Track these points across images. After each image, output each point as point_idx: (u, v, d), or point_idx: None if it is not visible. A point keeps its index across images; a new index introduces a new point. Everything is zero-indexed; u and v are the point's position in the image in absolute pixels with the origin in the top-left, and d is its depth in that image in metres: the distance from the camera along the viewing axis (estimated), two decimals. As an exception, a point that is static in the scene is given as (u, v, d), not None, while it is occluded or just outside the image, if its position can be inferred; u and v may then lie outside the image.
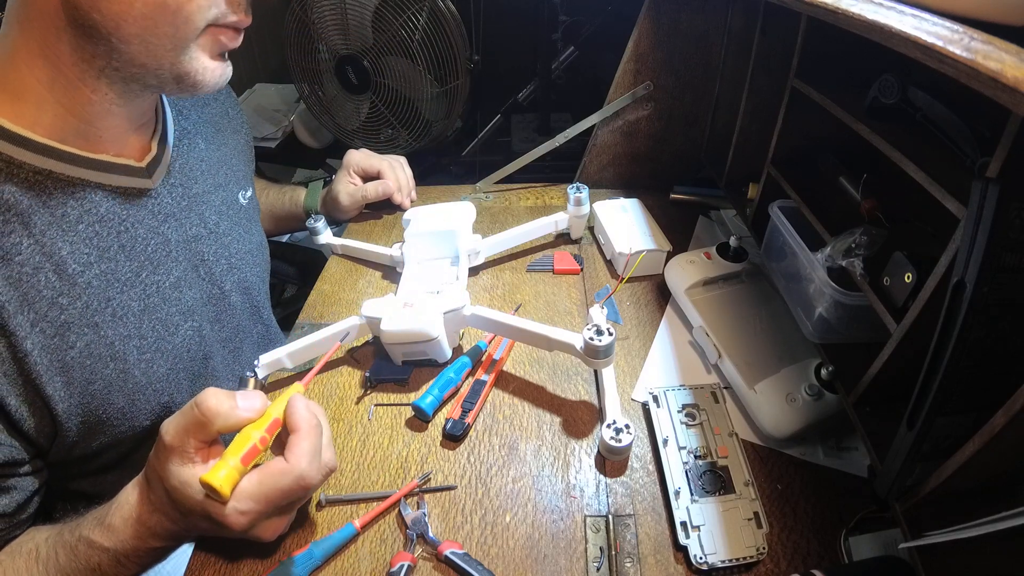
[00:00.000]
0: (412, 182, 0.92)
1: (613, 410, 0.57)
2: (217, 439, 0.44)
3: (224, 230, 0.63)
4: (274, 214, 0.90)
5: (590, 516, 0.51)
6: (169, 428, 0.41)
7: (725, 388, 0.60)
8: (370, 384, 0.64)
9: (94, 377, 0.49)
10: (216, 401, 0.41)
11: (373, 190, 0.87)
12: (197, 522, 0.42)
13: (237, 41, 0.49)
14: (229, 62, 0.51)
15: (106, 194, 0.50)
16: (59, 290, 0.46)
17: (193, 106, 0.65)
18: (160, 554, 0.46)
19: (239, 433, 0.43)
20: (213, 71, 0.48)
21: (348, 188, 0.87)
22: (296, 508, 0.47)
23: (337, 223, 0.93)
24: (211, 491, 0.40)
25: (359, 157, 0.88)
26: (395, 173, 0.89)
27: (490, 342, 0.67)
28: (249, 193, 0.71)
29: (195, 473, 0.41)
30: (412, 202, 0.92)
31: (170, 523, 0.43)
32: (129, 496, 0.44)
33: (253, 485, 0.41)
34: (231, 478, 0.41)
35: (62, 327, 0.46)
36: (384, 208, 0.94)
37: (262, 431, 0.43)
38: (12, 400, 0.44)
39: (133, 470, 0.56)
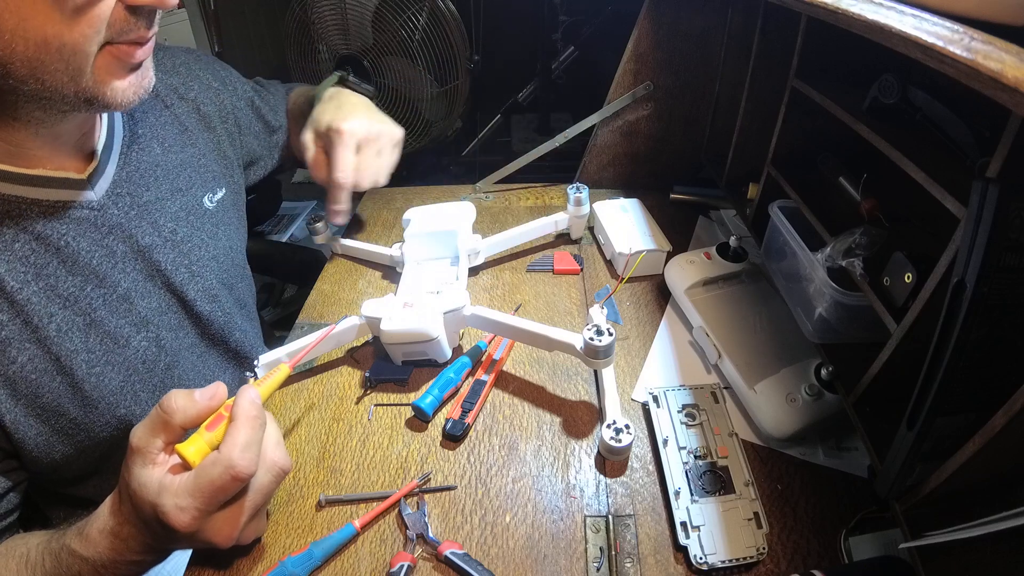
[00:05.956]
0: (383, 170, 0.74)
1: (613, 410, 0.57)
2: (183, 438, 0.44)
3: (183, 237, 0.60)
4: (295, 120, 0.79)
5: (590, 516, 0.51)
6: (136, 431, 0.42)
7: (725, 388, 0.60)
8: (370, 384, 0.64)
9: (41, 391, 0.49)
10: (175, 396, 0.42)
11: (315, 174, 0.73)
12: (154, 528, 0.41)
13: (142, 53, 0.46)
14: (147, 69, 0.48)
15: (42, 210, 0.49)
16: None
17: (151, 109, 0.62)
18: (139, 568, 0.45)
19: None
20: (125, 90, 0.46)
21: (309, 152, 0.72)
22: (247, 508, 0.44)
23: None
24: (183, 461, 0.41)
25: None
26: (343, 162, 0.69)
27: (490, 342, 0.67)
28: (219, 195, 0.67)
29: (154, 474, 0.41)
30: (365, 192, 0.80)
31: (140, 534, 0.42)
32: (104, 508, 0.44)
33: (188, 479, 0.40)
34: (201, 450, 0.42)
35: (3, 343, 0.46)
36: (384, 208, 0.94)
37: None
38: None
39: (112, 474, 0.55)
